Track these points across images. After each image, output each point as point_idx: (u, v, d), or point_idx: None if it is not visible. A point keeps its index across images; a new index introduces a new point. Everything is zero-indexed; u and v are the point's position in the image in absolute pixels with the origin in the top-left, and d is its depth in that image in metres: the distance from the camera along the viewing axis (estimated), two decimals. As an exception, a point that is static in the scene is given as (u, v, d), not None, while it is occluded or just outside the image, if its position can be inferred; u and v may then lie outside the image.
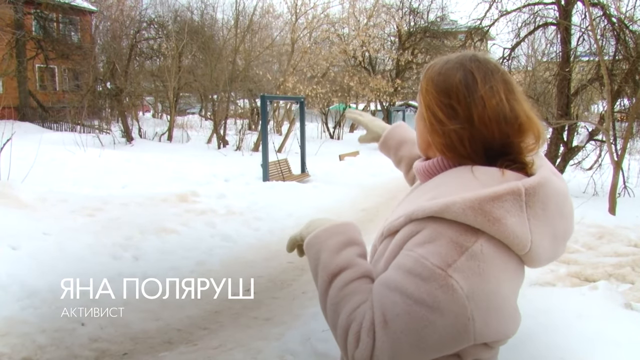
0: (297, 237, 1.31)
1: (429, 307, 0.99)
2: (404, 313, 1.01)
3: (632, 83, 11.70)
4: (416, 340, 1.01)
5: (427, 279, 1.00)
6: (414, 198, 1.21)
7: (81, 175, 10.74)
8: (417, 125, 1.27)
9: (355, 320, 1.05)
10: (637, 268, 5.97)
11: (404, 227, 1.12)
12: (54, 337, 4.07)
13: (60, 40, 24.99)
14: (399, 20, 24.91)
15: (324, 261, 1.16)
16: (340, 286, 1.11)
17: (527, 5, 13.27)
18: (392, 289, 1.03)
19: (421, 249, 1.04)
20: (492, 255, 1.04)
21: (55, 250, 5.66)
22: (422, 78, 1.22)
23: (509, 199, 1.05)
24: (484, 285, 1.02)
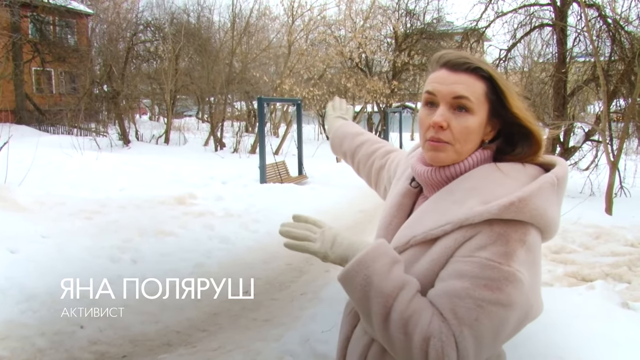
0: (320, 254, 1.21)
1: (504, 305, 1.05)
2: (483, 317, 1.04)
3: (628, 84, 11.76)
4: (494, 338, 1.07)
5: (497, 279, 1.05)
6: (446, 206, 1.18)
7: (78, 178, 10.73)
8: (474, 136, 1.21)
9: (433, 336, 1.05)
10: (634, 267, 6.01)
11: (450, 233, 1.13)
12: (54, 340, 4.08)
13: (56, 43, 24.95)
14: (395, 22, 24.94)
15: (378, 286, 1.10)
16: (403, 307, 1.08)
17: (523, 6, 13.33)
18: (463, 297, 1.05)
19: (484, 252, 1.07)
20: (537, 244, 1.12)
21: (54, 253, 5.66)
22: None
23: (548, 191, 1.13)
24: (534, 271, 1.11)
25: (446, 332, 1.04)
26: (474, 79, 1.17)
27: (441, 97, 1.18)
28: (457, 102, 1.17)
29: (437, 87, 1.18)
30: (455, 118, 1.17)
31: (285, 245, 1.21)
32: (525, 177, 1.15)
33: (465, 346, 1.03)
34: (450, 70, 1.19)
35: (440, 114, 1.17)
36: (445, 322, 1.05)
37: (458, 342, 1.03)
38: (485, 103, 1.18)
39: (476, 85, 1.17)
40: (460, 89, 1.16)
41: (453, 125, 1.17)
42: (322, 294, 5.31)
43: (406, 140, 28.73)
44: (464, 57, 1.19)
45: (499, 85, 1.18)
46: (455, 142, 1.18)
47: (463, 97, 1.16)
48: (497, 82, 1.18)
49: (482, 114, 1.18)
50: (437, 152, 1.19)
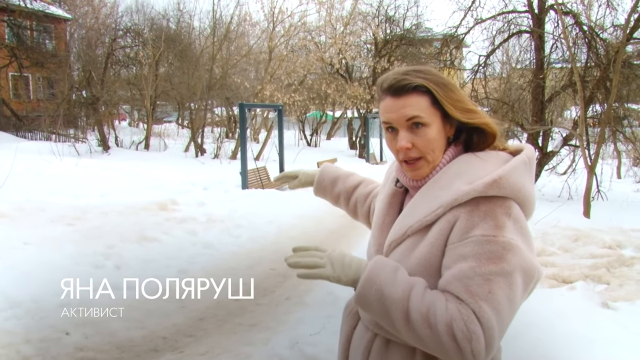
0: (333, 278, 1.24)
1: (510, 272, 1.15)
2: (494, 287, 1.13)
3: (604, 89, 11.99)
4: (511, 304, 1.15)
5: (496, 250, 1.15)
6: (435, 193, 1.27)
7: (58, 184, 10.61)
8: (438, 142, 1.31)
9: (454, 319, 1.11)
10: (612, 269, 6.13)
11: (442, 216, 1.23)
12: (39, 347, 4.04)
13: (34, 48, 24.60)
14: (375, 28, 25.10)
15: (390, 294, 1.17)
16: (418, 304, 1.15)
17: (501, 13, 13.53)
18: (471, 276, 1.14)
19: (477, 230, 1.18)
20: (521, 215, 1.23)
21: (37, 260, 5.61)
22: None
23: (523, 168, 1.26)
24: (526, 238, 1.21)
25: (465, 312, 1.12)
26: (417, 96, 1.27)
27: (397, 123, 1.29)
28: (412, 122, 1.27)
29: (390, 117, 1.29)
30: (416, 135, 1.28)
31: (299, 275, 1.24)
32: (500, 160, 1.29)
33: (487, 318, 1.11)
34: (393, 96, 1.28)
35: (402, 138, 1.28)
36: (463, 303, 1.13)
37: (479, 317, 1.11)
38: (435, 111, 1.28)
39: (421, 101, 1.27)
40: (409, 111, 1.26)
41: (417, 142, 1.28)
42: (307, 298, 5.33)
43: (385, 146, 28.86)
44: (402, 78, 1.28)
45: (437, 97, 1.27)
46: (426, 154, 1.29)
47: (415, 117, 1.26)
48: (435, 95, 1.27)
49: (436, 122, 1.29)
50: (415, 171, 1.32)
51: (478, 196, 1.20)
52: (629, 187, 15.48)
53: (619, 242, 7.36)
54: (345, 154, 26.20)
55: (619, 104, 12.52)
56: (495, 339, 1.12)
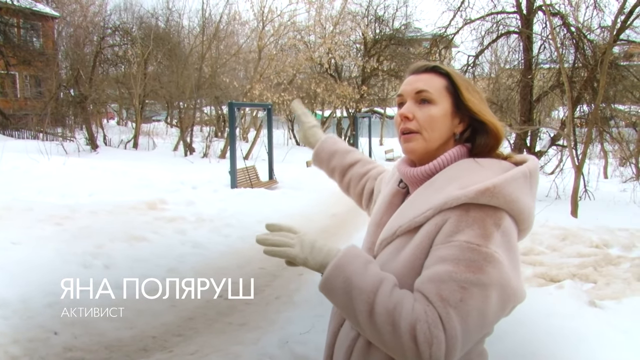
0: (299, 259, 1.24)
1: (485, 284, 1.10)
2: (467, 297, 1.09)
3: (591, 90, 12.09)
4: (481, 318, 1.11)
5: (477, 260, 1.11)
6: (428, 194, 1.27)
7: (46, 183, 10.54)
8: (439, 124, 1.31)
9: (419, 320, 1.09)
10: (599, 268, 6.19)
11: (430, 219, 1.21)
12: (28, 348, 4.01)
13: (21, 46, 24.38)
14: (365, 28, 25.16)
15: (358, 285, 1.16)
16: (385, 299, 1.13)
17: (490, 14, 13.60)
18: (446, 280, 1.11)
19: (462, 235, 1.14)
20: (512, 230, 1.18)
21: (25, 260, 5.56)
22: None
23: (522, 181, 1.22)
24: (512, 255, 1.16)
25: (432, 315, 1.09)
26: (433, 76, 1.32)
27: (407, 95, 1.33)
28: (419, 96, 1.31)
29: (404, 88, 1.34)
30: (420, 109, 1.30)
31: (265, 252, 1.24)
32: (500, 169, 1.24)
33: (452, 326, 1.08)
34: (414, 74, 1.36)
35: (406, 107, 1.32)
36: (431, 305, 1.10)
37: (444, 322, 1.08)
38: (446, 96, 1.31)
39: (435, 80, 1.31)
40: (420, 85, 1.31)
41: (418, 115, 1.30)
42: (297, 297, 5.34)
43: (375, 145, 28.94)
44: (426, 62, 1.36)
45: (454, 80, 1.31)
46: (422, 130, 1.29)
47: (423, 91, 1.30)
48: (452, 77, 1.32)
49: (444, 105, 1.30)
50: (408, 143, 1.32)
51: (468, 202, 1.17)
52: (615, 187, 15.63)
53: (606, 241, 7.44)
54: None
55: (606, 104, 12.64)
56: (456, 349, 1.09)
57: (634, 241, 7.51)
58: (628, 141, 14.77)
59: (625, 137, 14.69)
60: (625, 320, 3.90)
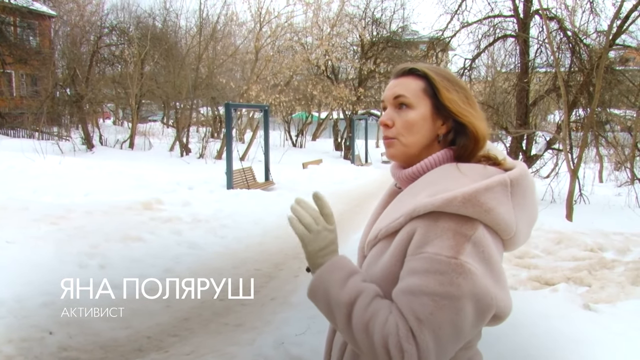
0: (306, 249, 1.25)
1: (456, 297, 1.07)
2: (437, 310, 1.07)
3: (587, 94, 12.13)
4: (454, 330, 1.09)
5: (446, 272, 1.08)
6: (405, 200, 1.26)
7: (42, 183, 10.52)
8: (418, 128, 1.29)
9: (390, 334, 1.09)
10: (594, 272, 6.22)
11: (404, 226, 1.19)
12: (22, 347, 4.01)
13: (17, 44, 24.32)
14: (362, 30, 25.19)
15: (335, 297, 1.17)
16: (361, 312, 1.14)
17: (487, 17, 13.64)
18: (417, 294, 1.10)
19: (430, 247, 1.11)
20: (489, 240, 1.14)
21: (20, 259, 5.55)
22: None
23: (499, 190, 1.16)
24: (491, 266, 1.12)
25: (403, 329, 1.08)
26: (411, 79, 1.30)
27: (387, 101, 1.33)
28: (397, 101, 1.30)
29: (384, 94, 1.34)
30: (398, 115, 1.30)
31: (289, 218, 1.25)
32: (480, 176, 1.19)
33: (423, 339, 1.07)
34: (394, 78, 1.35)
35: (385, 114, 1.32)
36: (403, 318, 1.09)
37: (416, 336, 1.07)
38: (424, 98, 1.28)
39: (412, 84, 1.29)
40: (397, 90, 1.30)
41: (397, 121, 1.29)
42: (292, 298, 5.34)
43: (371, 147, 28.97)
44: (406, 65, 1.34)
45: (432, 80, 1.28)
46: (399, 136, 1.29)
47: (400, 96, 1.29)
48: (430, 78, 1.28)
49: (423, 108, 1.28)
50: (389, 148, 1.33)
51: (437, 211, 1.13)
52: (610, 191, 15.68)
53: (601, 245, 7.47)
54: (330, 155, 26.25)
55: (602, 108, 12.69)
56: None
57: (629, 245, 7.54)
58: (623, 145, 14.83)
59: (620, 142, 14.75)
60: (620, 324, 3.92)
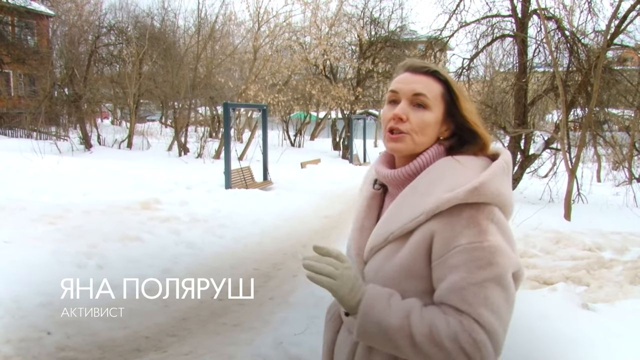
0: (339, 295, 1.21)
1: (500, 275, 1.16)
2: (489, 293, 1.15)
3: (585, 94, 12.14)
4: (507, 303, 1.18)
5: (484, 256, 1.16)
6: (413, 199, 1.28)
7: (39, 182, 10.50)
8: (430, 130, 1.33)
9: (457, 332, 1.13)
10: (592, 271, 6.22)
11: (424, 224, 1.23)
12: (20, 347, 4.00)
13: (15, 44, 24.30)
14: (360, 30, 25.18)
15: (389, 325, 1.17)
16: (420, 327, 1.15)
17: (485, 17, 13.64)
18: (466, 286, 1.16)
19: (462, 238, 1.18)
20: (502, 218, 1.24)
21: (18, 259, 5.54)
22: None
23: (501, 175, 1.27)
24: (508, 238, 1.22)
25: (467, 323, 1.13)
26: (432, 81, 1.32)
27: (402, 94, 1.32)
28: (416, 99, 1.31)
29: (400, 86, 1.33)
30: (414, 112, 1.30)
31: (308, 277, 1.22)
32: (479, 166, 1.29)
33: (490, 323, 1.13)
34: (411, 72, 1.34)
35: (400, 108, 1.31)
36: (463, 314, 1.14)
37: (482, 324, 1.13)
38: (441, 102, 1.32)
39: (433, 86, 1.32)
40: (419, 87, 1.31)
41: (412, 118, 1.30)
42: (291, 298, 5.34)
43: (370, 147, 28.97)
44: (425, 63, 1.36)
45: (452, 89, 1.33)
46: (413, 133, 1.30)
47: (421, 94, 1.31)
48: (451, 86, 1.33)
49: (438, 112, 1.32)
50: (396, 143, 1.32)
51: (460, 203, 1.20)
52: (608, 191, 15.71)
53: (599, 244, 7.48)
54: (328, 155, 26.24)
55: (600, 108, 12.71)
56: (500, 341, 1.15)
57: (627, 244, 7.55)
58: (621, 145, 14.87)
59: (618, 141, 14.78)
60: (618, 323, 3.92)
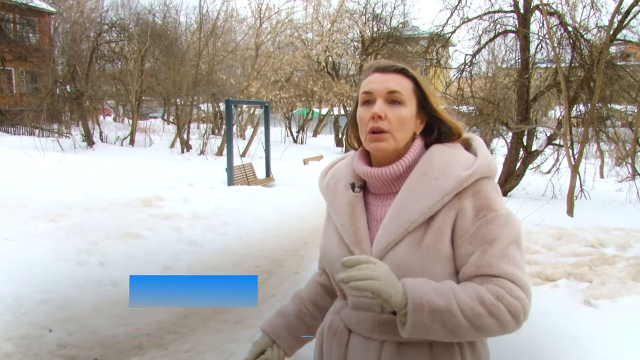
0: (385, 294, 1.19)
1: (516, 235, 1.30)
2: (513, 254, 1.27)
3: (587, 90, 12.10)
4: (523, 257, 1.32)
5: (503, 223, 1.29)
6: (423, 188, 1.33)
7: (41, 180, 10.51)
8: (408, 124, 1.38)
9: (502, 297, 1.22)
10: (594, 267, 6.20)
11: (447, 204, 1.30)
12: (21, 345, 3.99)
13: (17, 41, 24.33)
14: (362, 26, 25.14)
15: (440, 307, 1.20)
16: (468, 301, 1.21)
17: (487, 13, 13.58)
18: (496, 254, 1.26)
19: (485, 211, 1.29)
20: None
21: (18, 257, 5.53)
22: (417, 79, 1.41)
23: (486, 151, 1.40)
24: None
25: (505, 284, 1.24)
26: (402, 77, 1.38)
27: (377, 94, 1.36)
28: (391, 96, 1.35)
29: (373, 86, 1.37)
30: (391, 110, 1.35)
31: (354, 287, 1.18)
32: (462, 148, 1.41)
33: (520, 279, 1.25)
34: (381, 72, 1.39)
35: (378, 107, 1.34)
36: (498, 278, 1.25)
37: (517, 282, 1.24)
38: (413, 97, 1.38)
39: (404, 82, 1.37)
40: (393, 85, 1.36)
41: (389, 116, 1.34)
42: (292, 295, 5.32)
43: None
44: (392, 62, 1.41)
45: (420, 84, 1.39)
46: (393, 131, 1.34)
47: (395, 91, 1.35)
48: (419, 82, 1.39)
49: (412, 107, 1.37)
50: (379, 142, 1.35)
51: (478, 178, 1.31)
52: (611, 187, 15.66)
53: (601, 240, 7.45)
54: (331, 151, 26.22)
55: (602, 104, 12.66)
56: (530, 290, 1.27)
57: (629, 241, 7.52)
58: (624, 141, 14.80)
59: (621, 137, 14.72)
60: (621, 320, 3.90)
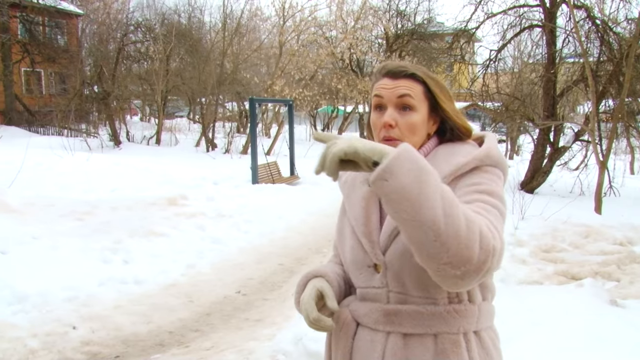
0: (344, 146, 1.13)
1: (504, 214, 1.28)
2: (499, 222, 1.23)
3: (616, 84, 11.84)
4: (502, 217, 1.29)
5: (495, 192, 1.29)
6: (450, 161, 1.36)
7: (69, 179, 10.67)
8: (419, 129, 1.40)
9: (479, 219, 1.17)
10: (623, 266, 6.06)
11: (472, 170, 1.34)
12: (46, 341, 4.07)
13: (46, 43, 24.79)
14: (386, 23, 24.99)
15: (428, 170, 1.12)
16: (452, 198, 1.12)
17: (512, 7, 13.39)
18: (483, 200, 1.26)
19: (476, 178, 1.31)
20: (502, 176, 1.40)
21: (45, 255, 5.64)
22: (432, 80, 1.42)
23: (493, 143, 1.41)
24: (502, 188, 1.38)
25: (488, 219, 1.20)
26: (412, 82, 1.38)
27: (387, 99, 1.37)
28: (402, 101, 1.36)
29: (382, 92, 1.38)
30: (402, 117, 1.36)
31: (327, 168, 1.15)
32: (472, 146, 1.43)
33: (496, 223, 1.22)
34: (391, 77, 1.39)
35: (388, 115, 1.36)
36: (483, 217, 1.20)
37: (491, 220, 1.20)
38: (424, 101, 1.38)
39: (415, 86, 1.38)
40: (402, 89, 1.36)
41: (400, 123, 1.36)
42: (314, 293, 5.32)
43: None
44: (402, 65, 1.40)
45: (431, 87, 1.39)
46: (404, 137, 1.36)
47: (406, 95, 1.36)
48: (429, 85, 1.39)
49: (423, 111, 1.38)
50: None
51: (476, 166, 1.32)
52: (641, 183, 15.34)
53: (630, 238, 7.29)
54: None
55: (632, 98, 12.35)
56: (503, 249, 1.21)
57: (660, 239, 7.35)
58: (656, 136, 14.46)
59: (652, 132, 14.39)
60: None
